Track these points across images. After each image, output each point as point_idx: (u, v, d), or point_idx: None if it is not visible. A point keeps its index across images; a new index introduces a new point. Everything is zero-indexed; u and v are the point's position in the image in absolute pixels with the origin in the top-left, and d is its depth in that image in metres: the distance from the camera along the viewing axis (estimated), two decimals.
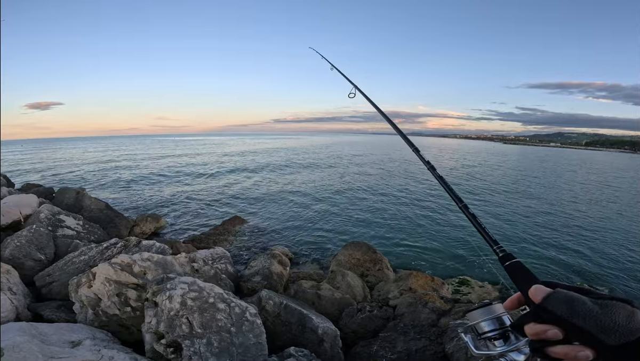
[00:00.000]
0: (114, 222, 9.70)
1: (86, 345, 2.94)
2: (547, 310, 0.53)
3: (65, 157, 48.21)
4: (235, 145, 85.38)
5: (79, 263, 5.17)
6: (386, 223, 13.09)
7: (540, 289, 0.56)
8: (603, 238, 12.04)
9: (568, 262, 9.61)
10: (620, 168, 52.99)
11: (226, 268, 6.16)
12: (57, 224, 7.27)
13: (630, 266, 9.46)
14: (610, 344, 0.47)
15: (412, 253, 10.03)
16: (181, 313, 3.10)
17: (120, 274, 3.83)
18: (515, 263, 0.68)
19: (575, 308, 0.51)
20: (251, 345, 3.21)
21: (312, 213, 14.26)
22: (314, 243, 10.63)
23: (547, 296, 0.55)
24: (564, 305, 0.52)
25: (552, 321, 0.52)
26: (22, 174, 26.52)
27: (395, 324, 4.85)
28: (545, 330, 0.53)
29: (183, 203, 15.97)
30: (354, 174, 28.12)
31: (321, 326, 4.10)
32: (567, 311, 0.51)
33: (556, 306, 0.52)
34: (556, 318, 0.52)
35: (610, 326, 0.48)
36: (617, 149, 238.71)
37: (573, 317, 0.50)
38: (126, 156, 46.69)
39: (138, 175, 25.76)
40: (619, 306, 0.50)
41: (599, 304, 0.51)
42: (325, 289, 5.70)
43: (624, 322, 0.48)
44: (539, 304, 0.55)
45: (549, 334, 0.52)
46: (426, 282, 6.81)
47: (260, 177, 25.33)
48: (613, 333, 0.47)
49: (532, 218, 14.56)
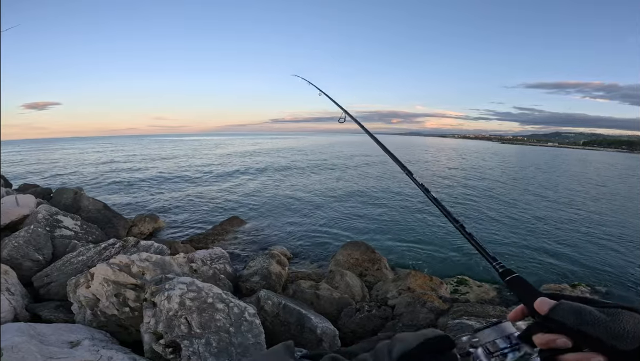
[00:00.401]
0: (112, 222, 9.68)
1: (85, 345, 2.94)
2: (555, 321, 0.54)
3: (63, 157, 48.05)
4: (233, 145, 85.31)
5: (77, 264, 5.15)
6: (385, 222, 13.11)
7: (546, 302, 0.58)
8: (602, 239, 12.10)
9: (566, 262, 9.66)
10: (619, 167, 53.21)
11: (225, 268, 6.16)
12: (55, 224, 7.25)
13: (630, 266, 9.51)
14: (624, 349, 0.48)
15: (411, 252, 10.04)
16: (180, 313, 3.10)
17: (118, 275, 3.83)
18: (516, 278, 0.69)
19: (583, 317, 0.52)
20: (250, 345, 3.22)
21: (310, 213, 14.27)
22: (313, 242, 10.64)
23: (553, 307, 0.56)
24: (572, 315, 0.53)
25: (561, 330, 0.54)
26: (19, 175, 26.42)
27: (393, 324, 4.87)
28: (555, 339, 0.54)
29: (181, 203, 15.95)
30: (353, 174, 28.14)
31: (320, 326, 4.11)
32: (576, 321, 0.52)
33: (564, 317, 0.54)
34: (565, 328, 0.53)
35: (621, 333, 0.49)
36: (615, 148, 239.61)
37: (583, 325, 0.51)
38: (124, 156, 46.57)
39: (136, 175, 25.72)
40: (626, 314, 0.51)
41: (605, 312, 0.52)
42: (324, 289, 5.71)
43: (633, 328, 0.49)
44: (546, 315, 0.56)
45: (559, 342, 0.53)
46: (425, 282, 6.82)
47: (259, 177, 25.32)
48: (624, 339, 0.48)
49: (531, 217, 14.62)
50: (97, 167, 31.83)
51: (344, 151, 65.90)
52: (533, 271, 8.93)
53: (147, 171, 28.27)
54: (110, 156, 47.94)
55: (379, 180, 24.73)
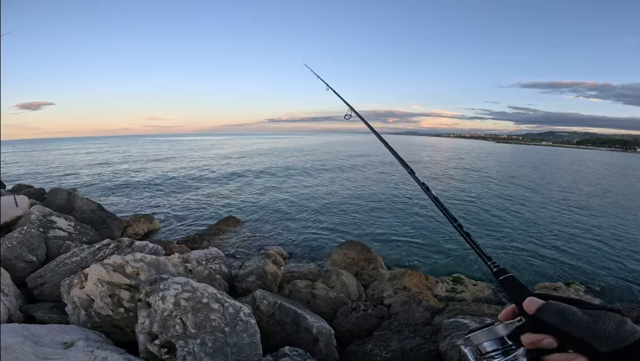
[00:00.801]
0: (107, 223, 9.62)
1: (79, 345, 2.92)
2: (541, 320, 0.56)
3: (57, 157, 47.74)
4: (229, 145, 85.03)
5: (71, 265, 5.12)
6: (380, 222, 13.13)
7: (534, 301, 0.59)
8: (598, 237, 12.20)
9: (562, 260, 9.73)
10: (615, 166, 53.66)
11: (220, 268, 6.14)
12: (49, 225, 7.20)
13: (624, 263, 9.60)
14: (602, 351, 0.50)
15: (407, 251, 10.08)
16: (175, 314, 3.09)
17: (112, 275, 3.81)
18: (509, 277, 0.71)
19: (567, 317, 0.54)
20: (245, 344, 3.21)
21: (306, 213, 14.27)
22: (309, 242, 10.63)
23: (540, 307, 0.58)
24: (556, 315, 0.55)
25: (547, 330, 0.55)
26: (13, 175, 26.18)
27: (389, 323, 4.88)
28: (541, 339, 0.55)
29: (177, 203, 15.89)
30: (349, 174, 28.17)
31: (315, 326, 4.11)
32: (559, 321, 0.54)
33: (549, 317, 0.56)
34: (550, 328, 0.55)
35: (601, 334, 0.51)
36: (608, 147, 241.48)
37: (565, 326, 0.53)
38: (119, 157, 46.32)
39: (131, 175, 25.58)
40: (609, 315, 0.53)
41: (588, 314, 0.54)
42: (320, 289, 5.72)
43: (613, 330, 0.51)
44: (532, 315, 0.58)
45: (544, 343, 0.55)
46: (420, 281, 6.85)
47: (255, 177, 25.27)
48: (604, 341, 0.50)
49: (529, 216, 14.72)
50: (91, 168, 31.63)
51: (340, 150, 65.93)
52: (529, 269, 9.00)
53: (142, 172, 28.14)
54: (105, 156, 47.67)
55: (375, 180, 24.79)
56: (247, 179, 24.26)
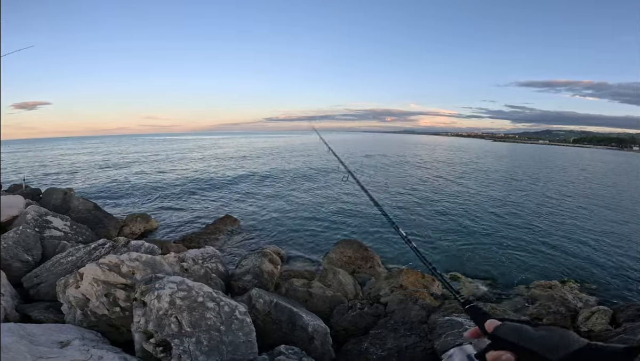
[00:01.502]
0: (103, 222, 9.60)
1: (75, 345, 2.93)
2: (499, 338, 0.68)
3: (53, 157, 47.43)
4: (226, 145, 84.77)
5: (67, 264, 5.12)
6: (377, 220, 13.16)
7: (493, 322, 0.72)
8: (594, 235, 12.28)
9: (558, 259, 9.80)
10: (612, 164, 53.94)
11: (217, 267, 6.14)
12: (44, 225, 7.18)
13: (620, 261, 9.67)
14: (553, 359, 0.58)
15: (403, 250, 10.09)
16: (170, 313, 3.10)
17: (108, 275, 3.81)
18: (473, 306, 0.84)
19: (521, 334, 0.65)
20: (241, 343, 3.23)
21: (303, 212, 14.29)
22: (306, 241, 10.66)
23: (497, 327, 0.70)
24: (512, 333, 0.66)
25: (506, 347, 0.65)
26: (8, 175, 26.04)
27: (385, 321, 4.90)
28: (501, 355, 0.65)
29: (174, 202, 15.86)
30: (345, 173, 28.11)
31: (311, 324, 4.13)
32: (515, 337, 0.65)
33: (506, 334, 0.67)
34: (508, 344, 0.65)
35: (551, 345, 0.60)
36: (604, 146, 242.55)
37: (522, 341, 0.63)
38: (115, 156, 46.13)
39: (128, 175, 25.49)
40: (555, 329, 0.63)
41: (539, 329, 0.64)
42: (317, 287, 5.74)
43: (559, 341, 0.60)
44: (491, 333, 0.70)
45: (504, 358, 0.64)
46: (417, 279, 6.89)
47: (253, 177, 25.23)
48: (554, 350, 0.59)
49: (527, 215, 14.79)
50: (88, 168, 31.48)
51: (337, 150, 65.72)
52: (524, 267, 9.05)
53: (139, 171, 28.05)
54: (101, 156, 47.43)
55: (371, 177, 24.79)
56: (244, 178, 24.23)
